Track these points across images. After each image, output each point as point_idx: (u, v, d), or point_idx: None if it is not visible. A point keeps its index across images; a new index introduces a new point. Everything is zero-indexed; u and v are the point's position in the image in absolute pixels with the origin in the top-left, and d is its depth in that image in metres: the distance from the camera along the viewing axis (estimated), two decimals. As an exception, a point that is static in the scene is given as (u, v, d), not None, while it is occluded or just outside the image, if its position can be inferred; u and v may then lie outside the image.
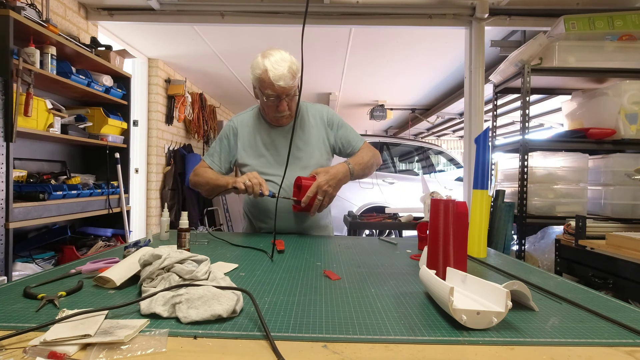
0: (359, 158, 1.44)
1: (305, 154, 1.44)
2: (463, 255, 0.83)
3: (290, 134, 1.37)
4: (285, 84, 1.27)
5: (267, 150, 1.45)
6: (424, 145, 5.48)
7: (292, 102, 1.37)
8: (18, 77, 1.93)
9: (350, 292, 0.75)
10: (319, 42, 3.64)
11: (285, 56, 1.31)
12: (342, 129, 1.50)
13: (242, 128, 1.48)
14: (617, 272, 1.57)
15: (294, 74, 1.30)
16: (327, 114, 1.51)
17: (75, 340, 0.49)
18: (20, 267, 2.05)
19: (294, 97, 1.36)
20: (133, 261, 0.78)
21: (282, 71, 1.26)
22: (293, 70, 1.29)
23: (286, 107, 1.35)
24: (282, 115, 1.37)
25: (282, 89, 1.29)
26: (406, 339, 0.54)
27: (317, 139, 1.47)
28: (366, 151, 1.49)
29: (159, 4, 2.96)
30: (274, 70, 1.26)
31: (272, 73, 1.26)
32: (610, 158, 2.25)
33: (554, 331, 0.58)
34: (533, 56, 2.36)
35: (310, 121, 1.48)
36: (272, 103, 1.34)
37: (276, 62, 1.27)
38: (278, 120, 1.41)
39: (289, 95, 1.32)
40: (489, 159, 1.12)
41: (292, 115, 1.42)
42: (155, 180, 4.30)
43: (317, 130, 1.47)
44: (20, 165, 2.26)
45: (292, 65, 1.30)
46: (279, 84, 1.27)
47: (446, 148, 7.93)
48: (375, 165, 1.50)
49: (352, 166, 1.38)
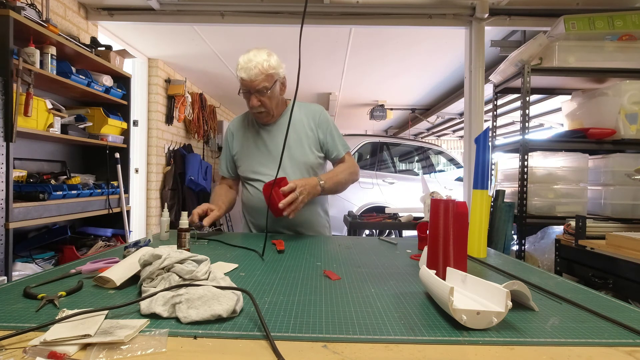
0: (332, 174, 1.45)
1: (298, 153, 1.46)
2: (463, 255, 0.83)
3: (279, 132, 1.44)
4: (247, 76, 1.31)
5: (258, 149, 1.48)
6: (424, 145, 5.47)
7: (264, 99, 1.37)
8: (18, 77, 1.93)
9: (350, 292, 0.75)
10: (319, 42, 3.64)
11: (261, 53, 1.34)
12: (329, 134, 1.51)
13: (237, 130, 1.55)
14: (617, 272, 1.57)
15: (262, 70, 1.32)
16: (320, 115, 1.52)
17: (75, 340, 0.49)
18: (20, 267, 2.05)
19: (267, 94, 1.37)
20: (133, 261, 0.78)
21: (248, 65, 1.31)
22: (263, 67, 1.32)
23: (256, 102, 1.37)
24: (256, 111, 1.41)
25: (244, 81, 1.33)
26: (406, 339, 0.54)
27: (309, 139, 1.48)
28: (344, 167, 1.50)
29: (159, 4, 2.96)
30: (242, 63, 1.32)
31: (239, 66, 1.33)
32: (610, 158, 2.25)
33: (554, 331, 0.58)
34: (533, 56, 2.36)
35: (303, 120, 1.50)
36: (245, 97, 1.39)
37: (247, 57, 1.33)
38: (257, 117, 1.46)
39: (259, 91, 1.34)
40: (489, 159, 1.12)
41: (270, 114, 1.43)
42: (155, 180, 4.30)
43: (309, 129, 1.49)
44: (20, 165, 2.26)
45: (263, 62, 1.32)
46: (242, 75, 1.32)
47: (446, 148, 7.93)
48: (351, 182, 1.51)
49: (324, 182, 1.38)
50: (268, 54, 1.36)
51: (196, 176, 4.64)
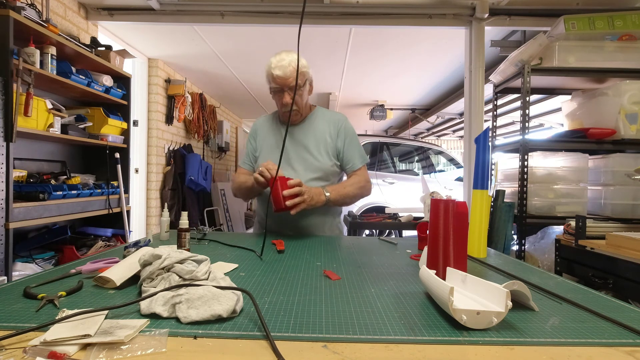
0: (340, 187, 1.44)
1: (313, 157, 1.47)
2: (463, 255, 0.83)
3: (303, 136, 1.47)
4: (283, 73, 1.36)
5: (278, 149, 1.49)
6: (424, 145, 5.48)
7: (297, 97, 1.40)
8: (18, 77, 1.93)
9: (350, 292, 0.75)
10: (318, 42, 3.64)
11: (291, 54, 1.40)
12: (348, 144, 1.51)
13: (260, 129, 1.58)
14: (617, 272, 1.57)
15: (295, 68, 1.36)
16: (341, 124, 1.52)
17: (75, 340, 0.49)
18: (20, 267, 2.05)
19: (298, 92, 1.41)
20: (133, 261, 0.78)
21: (282, 63, 1.36)
22: (294, 65, 1.37)
23: (289, 99, 1.40)
24: (287, 109, 1.41)
25: (279, 78, 1.37)
26: (406, 339, 0.54)
27: (328, 145, 1.49)
28: (354, 180, 1.49)
29: (159, 4, 2.96)
30: (275, 62, 1.38)
31: (273, 65, 1.38)
32: (610, 158, 2.25)
33: (554, 331, 0.58)
34: (533, 56, 2.36)
35: (323, 126, 1.52)
36: (276, 96, 1.43)
37: (280, 57, 1.39)
38: (285, 115, 1.47)
39: (291, 88, 1.38)
40: (489, 159, 1.12)
41: (299, 112, 1.47)
42: (155, 180, 4.30)
43: (329, 136, 1.50)
44: (20, 165, 2.26)
45: (294, 61, 1.38)
46: (277, 73, 1.36)
47: (446, 148, 7.93)
48: (360, 196, 1.51)
49: (329, 194, 1.38)
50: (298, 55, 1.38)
51: (196, 176, 4.64)
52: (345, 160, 1.51)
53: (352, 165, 1.51)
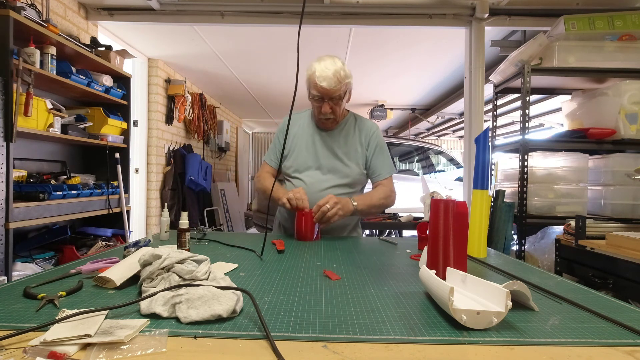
0: (367, 198, 1.45)
1: (342, 164, 1.48)
2: (463, 255, 0.83)
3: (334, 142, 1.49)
4: (328, 85, 1.35)
5: (307, 151, 1.50)
6: (424, 145, 5.48)
7: (336, 107, 1.42)
8: (18, 77, 1.93)
9: (350, 292, 0.75)
10: (318, 42, 3.63)
11: (336, 62, 1.39)
12: (377, 156, 1.52)
13: (294, 127, 1.56)
14: (617, 272, 1.57)
15: (340, 79, 1.37)
16: (373, 133, 1.53)
17: (75, 340, 0.49)
18: (20, 267, 2.05)
19: (339, 102, 1.41)
20: (133, 261, 0.78)
21: (327, 73, 1.35)
22: (340, 76, 1.37)
23: (329, 109, 1.41)
24: (326, 117, 1.43)
25: (324, 89, 1.36)
26: (406, 339, 0.54)
27: (357, 153, 1.50)
28: (380, 191, 1.50)
29: (159, 4, 2.96)
30: (320, 71, 1.36)
31: (318, 74, 1.36)
32: (610, 158, 2.25)
33: (554, 331, 0.58)
34: (533, 56, 2.36)
35: (355, 134, 1.52)
36: (316, 103, 1.43)
37: (325, 65, 1.37)
38: (323, 123, 1.48)
39: (332, 98, 1.39)
40: (489, 159, 1.12)
41: (336, 120, 1.48)
42: (155, 180, 4.30)
43: (359, 144, 1.51)
44: (20, 165, 2.26)
45: (339, 70, 1.37)
46: (322, 84, 1.35)
47: (446, 148, 7.93)
48: (384, 207, 1.52)
49: (357, 204, 1.39)
50: (342, 62, 1.41)
51: (196, 176, 4.64)
52: (372, 170, 1.52)
53: (378, 175, 1.52)
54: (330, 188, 1.45)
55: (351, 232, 1.56)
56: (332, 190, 1.43)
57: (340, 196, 1.39)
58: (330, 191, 1.43)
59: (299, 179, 1.48)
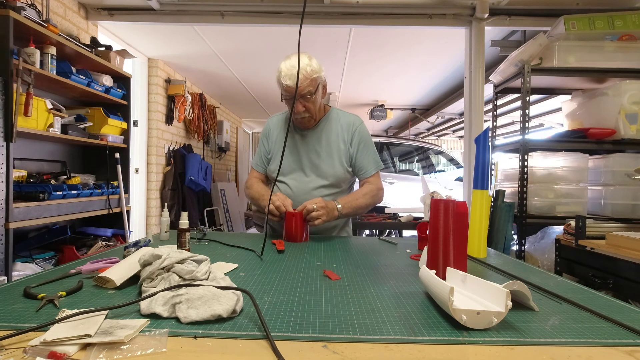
0: (352, 199, 1.41)
1: (325, 163, 1.44)
2: (463, 255, 0.83)
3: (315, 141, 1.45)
4: (292, 83, 1.31)
5: (289, 152, 1.47)
6: (424, 145, 5.48)
7: (308, 104, 1.38)
8: (18, 77, 1.93)
9: (350, 292, 0.75)
10: (318, 42, 3.63)
11: (303, 58, 1.34)
12: (361, 150, 1.47)
13: (273, 130, 1.54)
14: (617, 272, 1.57)
15: (306, 76, 1.33)
16: (355, 128, 1.48)
17: (75, 340, 0.49)
18: (20, 267, 2.05)
19: (310, 99, 1.37)
20: (133, 261, 0.78)
21: (292, 71, 1.31)
22: (307, 72, 1.32)
23: (301, 108, 1.37)
24: (301, 116, 1.40)
25: (291, 89, 1.32)
26: (406, 339, 0.54)
27: (341, 151, 1.46)
28: (366, 190, 1.45)
29: (159, 4, 2.95)
30: (286, 70, 1.32)
31: (283, 73, 1.33)
32: (610, 158, 2.25)
33: (554, 331, 0.58)
34: (533, 56, 2.36)
35: (336, 130, 1.47)
36: (288, 103, 1.38)
37: (290, 63, 1.33)
38: (299, 122, 1.44)
39: (303, 96, 1.35)
40: (489, 159, 1.12)
41: (313, 118, 1.43)
42: (155, 180, 4.30)
43: (342, 142, 1.46)
44: (20, 165, 2.26)
45: (306, 67, 1.33)
46: (287, 83, 1.32)
47: (446, 148, 7.93)
48: (372, 205, 1.48)
49: (341, 207, 1.36)
50: (309, 58, 1.36)
51: (196, 176, 4.64)
52: (358, 167, 1.47)
53: (365, 172, 1.47)
54: (315, 190, 1.42)
55: (340, 231, 1.53)
56: (318, 192, 1.41)
57: (326, 197, 1.38)
58: (315, 193, 1.41)
59: (284, 183, 1.46)
